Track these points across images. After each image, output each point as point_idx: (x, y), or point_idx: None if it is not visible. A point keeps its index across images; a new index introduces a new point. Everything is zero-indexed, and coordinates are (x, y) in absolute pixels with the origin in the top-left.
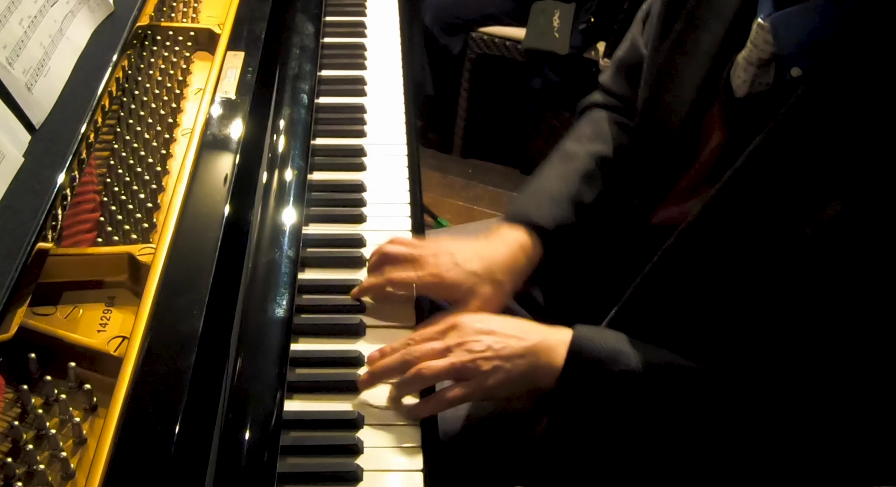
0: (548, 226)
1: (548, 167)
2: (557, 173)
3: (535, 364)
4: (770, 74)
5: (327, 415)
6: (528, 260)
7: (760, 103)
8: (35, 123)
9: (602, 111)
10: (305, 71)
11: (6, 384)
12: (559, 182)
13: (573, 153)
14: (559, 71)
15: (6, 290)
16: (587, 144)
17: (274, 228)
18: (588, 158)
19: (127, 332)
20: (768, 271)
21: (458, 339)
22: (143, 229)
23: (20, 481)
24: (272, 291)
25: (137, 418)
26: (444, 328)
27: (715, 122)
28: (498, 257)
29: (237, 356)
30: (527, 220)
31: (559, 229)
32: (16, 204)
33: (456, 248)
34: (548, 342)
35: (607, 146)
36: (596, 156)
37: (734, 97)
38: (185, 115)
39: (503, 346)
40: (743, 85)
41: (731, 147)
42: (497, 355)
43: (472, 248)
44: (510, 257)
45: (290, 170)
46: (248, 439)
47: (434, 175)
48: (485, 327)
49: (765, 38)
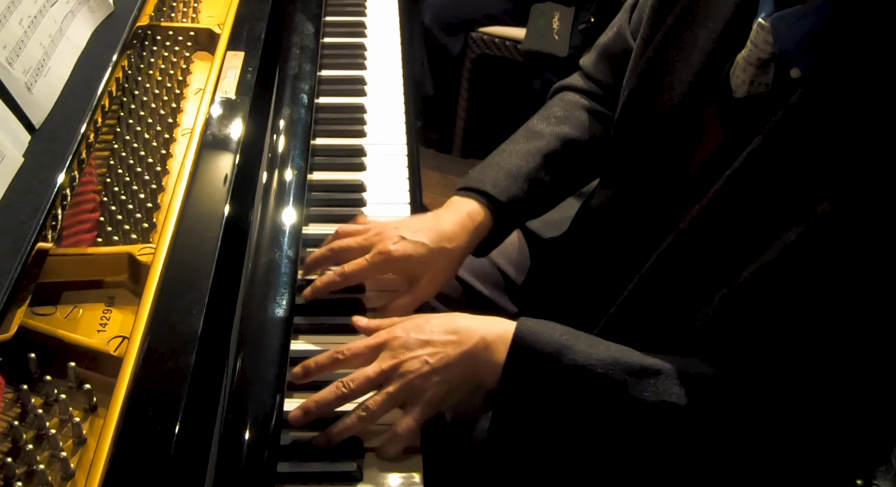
0: (501, 199)
1: (511, 142)
2: (519, 150)
3: (475, 366)
4: (769, 76)
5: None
6: (476, 227)
7: (759, 104)
8: (35, 123)
9: (577, 95)
10: (305, 71)
11: (6, 384)
12: (519, 158)
13: (539, 132)
14: (559, 72)
15: (6, 290)
16: (555, 126)
17: (274, 228)
18: (553, 139)
19: (127, 332)
20: (759, 271)
21: (391, 361)
22: (143, 228)
23: (20, 481)
24: (272, 291)
25: (137, 418)
26: (375, 344)
27: (712, 121)
28: (445, 225)
29: (237, 355)
30: (480, 189)
31: (511, 203)
32: (16, 204)
33: (402, 223)
34: (487, 339)
35: (576, 130)
36: (562, 138)
37: (733, 97)
38: (185, 115)
39: (441, 357)
40: (742, 85)
41: (729, 147)
42: (433, 368)
43: (418, 220)
44: (458, 225)
45: (290, 170)
46: (248, 439)
47: (434, 175)
48: (418, 337)
49: (765, 38)
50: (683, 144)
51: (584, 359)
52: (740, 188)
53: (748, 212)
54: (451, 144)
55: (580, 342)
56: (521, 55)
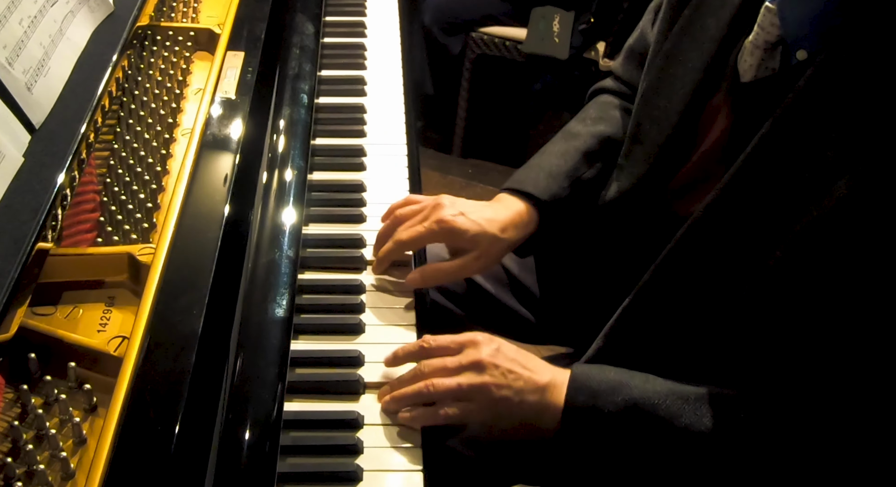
0: (542, 197)
1: (550, 144)
2: (558, 150)
3: (543, 402)
4: (776, 59)
5: (327, 415)
6: (524, 225)
7: (767, 88)
8: (35, 123)
9: (610, 96)
10: (305, 71)
11: (6, 384)
12: (558, 158)
13: (576, 132)
14: (559, 73)
15: (6, 290)
16: (591, 125)
17: (274, 228)
18: (590, 138)
19: (127, 332)
20: (777, 255)
21: (474, 357)
22: (143, 229)
23: (20, 481)
24: (272, 291)
25: (137, 418)
26: (464, 340)
27: (721, 106)
28: (499, 215)
29: (237, 355)
30: (523, 190)
31: (554, 202)
32: (16, 204)
33: (461, 202)
34: (555, 381)
35: (611, 128)
36: (599, 136)
37: (740, 82)
38: (185, 115)
39: (517, 378)
40: (750, 69)
41: (738, 132)
42: (509, 384)
43: (476, 205)
44: (510, 218)
45: (290, 170)
46: (248, 439)
47: (434, 175)
48: (504, 354)
49: (771, 20)
50: (692, 131)
51: (640, 393)
52: (753, 173)
53: (763, 197)
54: (451, 145)
55: (634, 378)
56: (521, 56)
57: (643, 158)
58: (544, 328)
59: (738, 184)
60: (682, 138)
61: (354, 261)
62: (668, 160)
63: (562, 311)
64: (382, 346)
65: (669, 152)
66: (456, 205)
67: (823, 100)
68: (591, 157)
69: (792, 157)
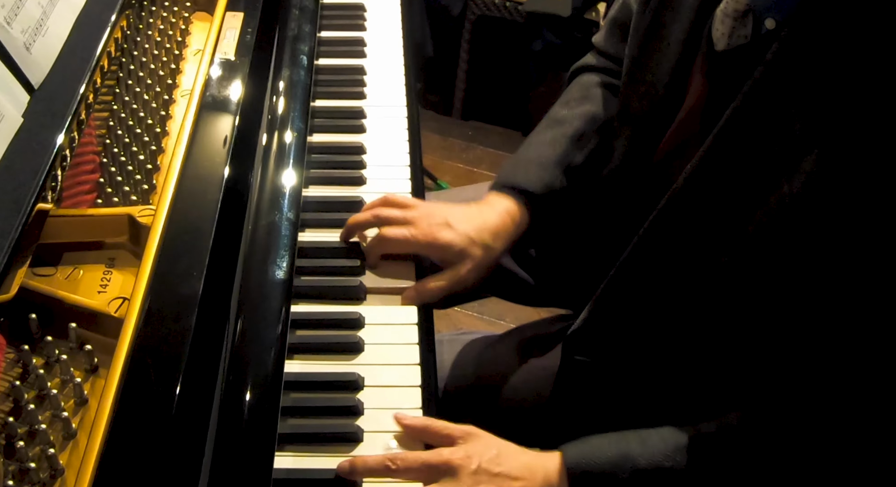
0: (535, 190)
1: (536, 134)
2: (545, 139)
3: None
4: (748, 27)
5: (328, 377)
6: (515, 227)
7: (740, 56)
8: (34, 83)
9: (593, 75)
10: (305, 32)
11: (7, 345)
12: (547, 147)
13: (561, 118)
14: (560, 33)
15: (6, 250)
16: (575, 107)
17: (274, 190)
18: (576, 120)
19: (127, 293)
20: (757, 219)
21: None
22: (143, 190)
23: (22, 440)
24: (272, 253)
25: (138, 379)
26: (436, 463)
27: (697, 75)
28: (489, 222)
29: (237, 317)
30: (514, 185)
31: (548, 194)
32: (15, 165)
33: (448, 211)
34: (550, 475)
35: (595, 106)
36: (584, 116)
37: (715, 51)
38: (185, 76)
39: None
40: (722, 38)
41: (714, 101)
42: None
43: (464, 212)
44: (499, 223)
45: (289, 132)
46: (249, 399)
47: (434, 137)
48: (490, 469)
49: None
50: (673, 102)
51: (646, 462)
52: (727, 146)
53: (738, 169)
54: (451, 107)
55: (632, 444)
56: (521, 16)
57: (634, 134)
58: (543, 290)
59: (714, 156)
60: (669, 112)
61: None
62: (656, 134)
63: (560, 273)
64: (382, 308)
65: (658, 126)
66: (440, 213)
67: (790, 73)
68: (580, 140)
69: (762, 130)
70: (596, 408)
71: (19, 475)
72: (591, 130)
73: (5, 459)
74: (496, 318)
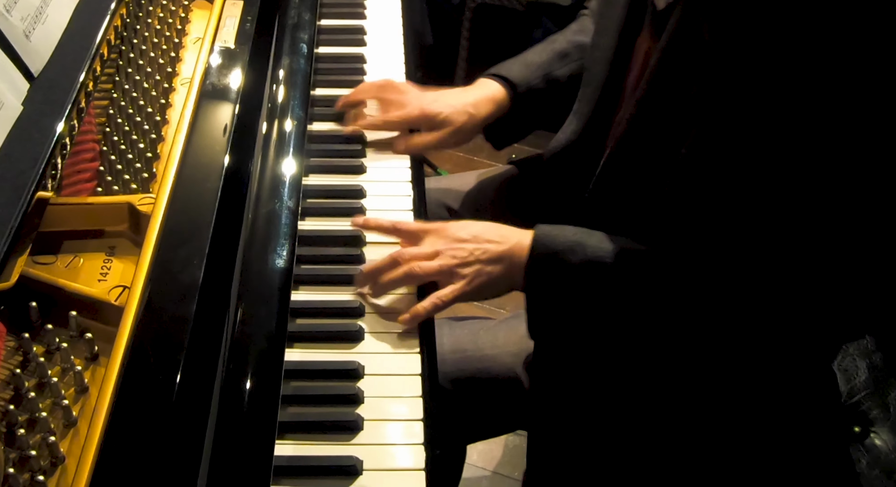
0: (516, 81)
1: (530, 49)
2: (536, 50)
3: (511, 265)
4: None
5: (328, 365)
6: (496, 105)
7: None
8: (34, 71)
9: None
10: (304, 20)
11: (8, 333)
12: (534, 55)
13: (555, 39)
14: (560, 21)
15: (7, 238)
16: (570, 35)
17: (274, 178)
18: (567, 43)
19: (128, 281)
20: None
21: (442, 246)
22: (143, 178)
23: (22, 428)
24: (272, 241)
25: (139, 367)
26: (427, 229)
27: (644, 33)
28: (471, 95)
29: (238, 305)
30: (499, 74)
31: (528, 92)
32: (15, 153)
33: (438, 91)
34: (522, 243)
35: (588, 38)
36: (575, 43)
37: (656, 10)
38: (184, 64)
39: (483, 251)
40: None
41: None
42: (477, 260)
43: (451, 91)
44: (481, 97)
45: (289, 120)
46: (249, 388)
47: None
48: (465, 234)
49: None
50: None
51: (593, 254)
52: (657, 91)
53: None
54: None
55: (591, 239)
56: (521, 5)
57: (590, 99)
58: None
59: (647, 103)
60: (618, 76)
61: (354, 212)
62: (609, 99)
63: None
64: (383, 297)
65: (609, 91)
66: (430, 93)
67: (690, 36)
68: (564, 57)
69: (682, 78)
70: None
71: (20, 462)
72: (577, 54)
73: (6, 447)
74: (496, 307)
